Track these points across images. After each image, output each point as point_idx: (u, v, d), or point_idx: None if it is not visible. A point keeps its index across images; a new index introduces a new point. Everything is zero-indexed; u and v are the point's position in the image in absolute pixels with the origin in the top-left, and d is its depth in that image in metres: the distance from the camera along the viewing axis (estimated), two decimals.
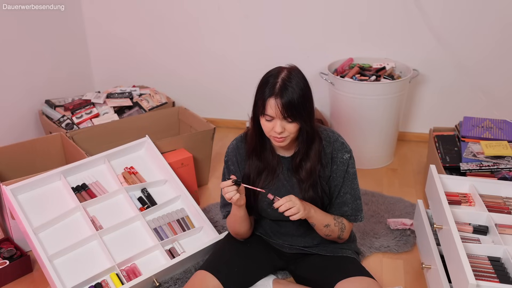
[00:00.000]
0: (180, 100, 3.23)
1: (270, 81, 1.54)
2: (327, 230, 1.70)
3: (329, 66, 2.86)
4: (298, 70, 1.58)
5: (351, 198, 1.72)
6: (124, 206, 2.11)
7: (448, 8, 2.75)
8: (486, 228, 1.79)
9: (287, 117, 1.52)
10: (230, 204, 1.77)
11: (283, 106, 1.50)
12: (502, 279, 1.54)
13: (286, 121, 1.54)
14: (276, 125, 1.54)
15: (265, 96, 1.53)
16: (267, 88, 1.53)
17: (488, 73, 2.85)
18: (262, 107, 1.54)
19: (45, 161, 2.44)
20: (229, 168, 1.77)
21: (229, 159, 1.77)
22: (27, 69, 2.87)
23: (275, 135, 1.57)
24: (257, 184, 1.70)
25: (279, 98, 1.50)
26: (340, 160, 1.68)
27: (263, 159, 1.70)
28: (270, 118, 1.54)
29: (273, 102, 1.51)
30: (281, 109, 1.51)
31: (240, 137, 1.77)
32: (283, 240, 1.82)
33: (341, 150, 1.69)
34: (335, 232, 1.71)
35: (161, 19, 3.18)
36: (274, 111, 1.52)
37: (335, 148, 1.69)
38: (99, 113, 2.79)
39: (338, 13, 2.91)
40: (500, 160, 2.22)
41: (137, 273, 1.93)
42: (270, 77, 1.55)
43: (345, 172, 1.69)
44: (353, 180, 1.71)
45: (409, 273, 2.02)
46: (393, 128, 2.80)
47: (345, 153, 1.69)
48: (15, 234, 2.11)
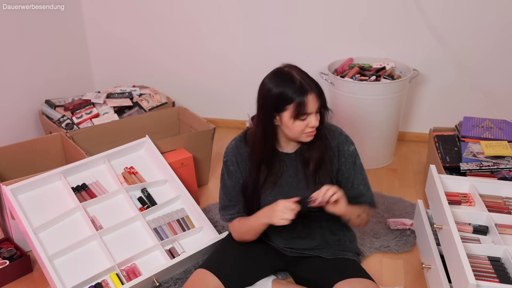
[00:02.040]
0: (180, 100, 3.23)
1: (290, 85, 1.53)
2: (359, 219, 1.72)
3: (329, 66, 2.86)
4: (293, 64, 1.61)
5: (365, 189, 1.74)
6: (124, 206, 2.11)
7: (448, 8, 2.75)
8: (486, 228, 1.79)
9: (323, 106, 1.58)
10: (233, 206, 1.76)
11: (320, 97, 1.55)
12: (502, 279, 1.54)
13: (319, 113, 1.58)
14: (312, 119, 1.56)
15: (301, 96, 1.53)
16: (296, 90, 1.53)
17: (488, 73, 2.85)
18: (301, 108, 1.53)
19: (45, 161, 2.44)
20: (229, 168, 1.75)
21: (228, 160, 1.75)
22: (27, 69, 2.87)
23: (310, 130, 1.58)
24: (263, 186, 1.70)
25: (314, 92, 1.54)
26: (348, 153, 1.69)
27: (272, 165, 1.70)
28: (306, 117, 1.56)
29: (313, 96, 1.53)
30: (320, 100, 1.55)
31: (239, 137, 1.76)
32: (284, 244, 1.81)
33: (346, 143, 1.70)
34: (365, 220, 1.74)
35: (161, 19, 3.18)
36: (316, 106, 1.55)
37: (340, 141, 1.70)
38: (99, 113, 2.79)
39: (338, 13, 2.91)
40: (500, 160, 2.22)
41: (137, 273, 1.93)
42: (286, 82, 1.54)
43: (353, 164, 1.70)
44: (362, 171, 1.73)
45: (409, 273, 2.02)
46: (393, 128, 2.80)
47: (351, 145, 1.71)
48: (15, 234, 2.11)
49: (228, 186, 1.76)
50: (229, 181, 1.75)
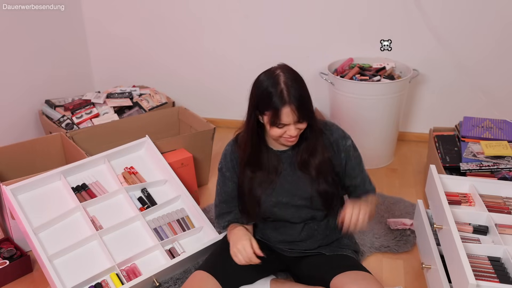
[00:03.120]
0: (180, 100, 3.22)
1: (272, 91, 1.50)
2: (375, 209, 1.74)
3: (329, 66, 2.86)
4: (289, 67, 1.57)
5: (362, 181, 1.74)
6: (124, 206, 2.11)
7: (448, 8, 2.75)
8: (486, 228, 1.79)
9: (302, 119, 1.52)
10: (227, 213, 1.77)
11: (298, 110, 1.49)
12: (502, 279, 1.54)
13: (299, 122, 1.53)
14: (290, 129, 1.52)
15: (277, 106, 1.49)
16: (275, 98, 1.49)
17: (488, 73, 2.84)
18: (275, 117, 1.50)
19: (45, 161, 2.44)
20: (225, 175, 1.74)
21: (223, 166, 1.74)
22: (27, 69, 2.87)
23: (288, 137, 1.56)
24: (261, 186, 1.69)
25: (292, 104, 1.48)
26: (346, 147, 1.69)
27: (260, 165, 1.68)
28: (283, 125, 1.53)
29: (288, 110, 1.48)
30: (297, 114, 1.49)
31: (232, 141, 1.75)
32: (284, 245, 1.81)
33: (343, 138, 1.70)
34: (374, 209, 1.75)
35: (161, 19, 3.18)
36: (291, 118, 1.50)
37: (337, 136, 1.69)
38: (99, 113, 2.79)
39: (338, 13, 2.91)
40: (500, 160, 2.22)
41: (137, 273, 1.93)
42: (270, 86, 1.51)
43: (350, 158, 1.70)
44: (360, 163, 1.73)
45: (409, 273, 2.02)
46: (393, 128, 2.79)
47: (347, 139, 1.70)
48: (15, 234, 2.11)
49: (225, 193, 1.76)
50: (226, 188, 1.75)
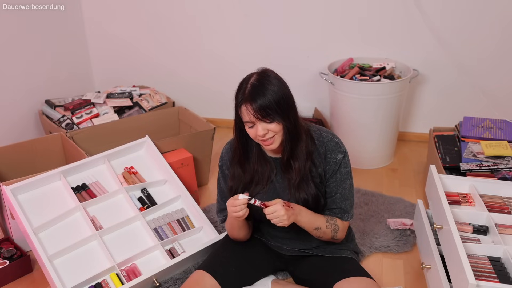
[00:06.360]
0: (180, 100, 3.23)
1: (238, 90, 1.56)
2: (318, 232, 1.68)
3: (329, 66, 2.86)
4: (270, 71, 1.59)
5: (340, 198, 1.70)
6: (124, 206, 2.11)
7: (448, 8, 2.75)
8: (486, 228, 1.79)
9: (263, 118, 1.52)
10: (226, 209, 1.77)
11: (255, 109, 1.51)
12: (502, 279, 1.54)
13: (265, 122, 1.53)
14: (257, 128, 1.54)
15: (238, 103, 1.55)
16: (238, 95, 1.56)
17: (488, 73, 2.85)
18: (238, 114, 1.56)
19: (45, 161, 2.44)
20: (224, 172, 1.76)
21: (224, 164, 1.76)
22: (27, 69, 2.87)
23: (261, 138, 1.56)
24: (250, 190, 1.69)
25: (249, 102, 1.51)
26: (333, 161, 1.66)
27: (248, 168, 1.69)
28: (251, 124, 1.55)
29: (244, 108, 1.53)
30: (253, 113, 1.51)
31: (232, 139, 1.76)
32: (281, 243, 1.82)
33: (335, 151, 1.67)
34: (327, 234, 1.70)
35: (161, 19, 3.18)
36: (248, 116, 1.53)
37: (328, 148, 1.67)
38: (99, 113, 2.79)
39: (338, 13, 2.91)
40: (500, 160, 2.22)
41: (137, 273, 1.93)
42: (239, 85, 1.57)
43: (336, 172, 1.67)
44: (344, 180, 1.68)
45: (409, 273, 2.02)
46: (393, 128, 2.80)
47: (339, 153, 1.67)
48: (15, 234, 2.11)
49: (224, 190, 1.77)
50: (225, 185, 1.76)
